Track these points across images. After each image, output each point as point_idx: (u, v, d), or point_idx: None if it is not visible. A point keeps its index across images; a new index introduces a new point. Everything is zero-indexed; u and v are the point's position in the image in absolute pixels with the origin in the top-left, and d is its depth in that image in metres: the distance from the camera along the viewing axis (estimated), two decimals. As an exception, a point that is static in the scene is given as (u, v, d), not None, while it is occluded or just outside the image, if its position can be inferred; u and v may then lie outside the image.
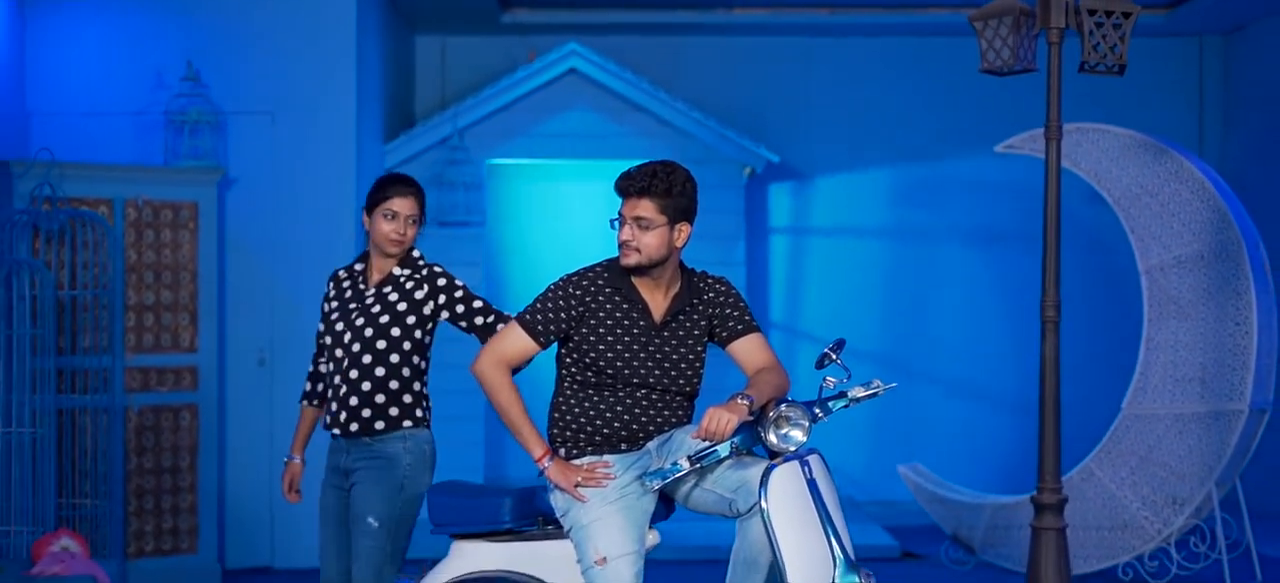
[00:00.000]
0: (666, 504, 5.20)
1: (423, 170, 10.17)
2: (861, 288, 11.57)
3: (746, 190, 11.01)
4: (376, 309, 5.45)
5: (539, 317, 5.07)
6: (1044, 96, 6.34)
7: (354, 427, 5.44)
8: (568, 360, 5.12)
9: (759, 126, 11.24)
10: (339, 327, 5.48)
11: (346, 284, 5.59)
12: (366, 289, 5.52)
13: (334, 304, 5.56)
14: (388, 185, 5.52)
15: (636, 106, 10.28)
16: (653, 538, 5.17)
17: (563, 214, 11.13)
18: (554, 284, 5.11)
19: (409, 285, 5.49)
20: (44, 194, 8.04)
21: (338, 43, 9.18)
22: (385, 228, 5.45)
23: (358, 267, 5.61)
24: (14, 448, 7.66)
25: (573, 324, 5.06)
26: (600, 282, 5.09)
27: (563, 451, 5.11)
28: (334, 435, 5.54)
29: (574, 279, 5.10)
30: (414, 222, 5.51)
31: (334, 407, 5.48)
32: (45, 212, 8.00)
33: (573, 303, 5.06)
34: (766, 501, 4.82)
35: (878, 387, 5.17)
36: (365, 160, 9.30)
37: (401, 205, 5.47)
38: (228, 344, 9.03)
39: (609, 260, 5.16)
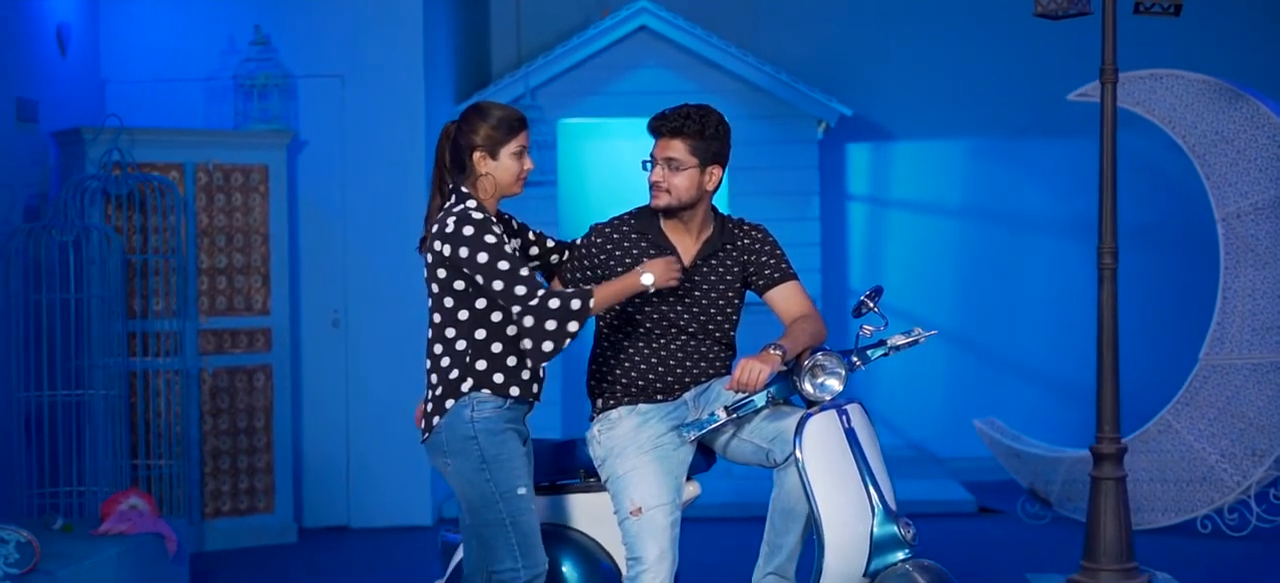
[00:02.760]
0: (707, 455, 5.19)
1: (494, 130, 10.18)
2: (942, 242, 11.43)
3: (825, 151, 10.92)
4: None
5: (570, 266, 5.10)
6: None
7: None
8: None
9: (837, 82, 11.12)
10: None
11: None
12: (512, 239, 4.97)
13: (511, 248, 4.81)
14: (510, 113, 4.85)
15: (708, 62, 10.21)
16: (693, 489, 5.15)
17: (634, 173, 11.07)
18: (584, 234, 5.12)
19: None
20: (112, 159, 8.15)
21: (406, 5, 9.22)
22: (517, 168, 4.83)
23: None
24: (87, 410, 7.80)
25: (598, 271, 5.05)
26: (625, 228, 5.09)
27: (599, 402, 5.11)
28: (519, 401, 4.82)
29: (599, 227, 5.13)
30: None
31: (534, 370, 4.83)
32: (113, 176, 8.11)
33: (594, 251, 5.07)
34: (801, 450, 4.80)
35: (918, 335, 5.12)
36: (434, 122, 9.32)
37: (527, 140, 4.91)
38: (301, 306, 9.12)
39: (639, 208, 5.16)
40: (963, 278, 11.38)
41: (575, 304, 4.63)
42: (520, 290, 4.63)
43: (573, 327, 4.63)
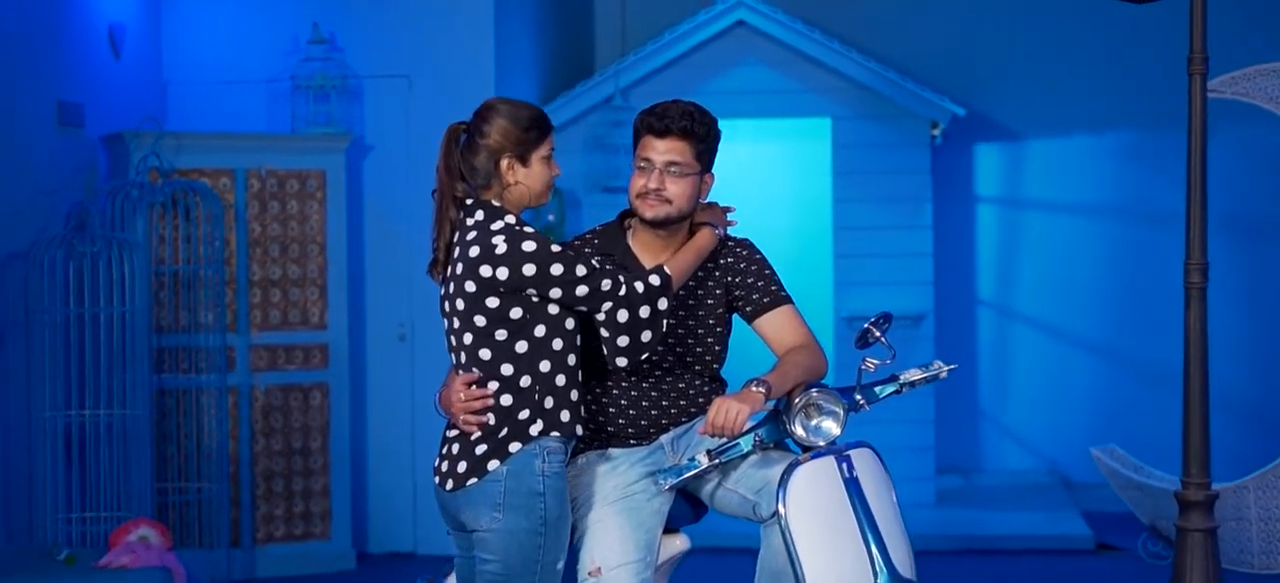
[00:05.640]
0: (695, 505, 4.53)
1: (584, 133, 9.57)
2: (1082, 246, 10.55)
3: (949, 154, 10.16)
4: None
5: None
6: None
7: None
8: (571, 342, 4.47)
9: (955, 80, 10.29)
10: None
11: None
12: None
13: None
14: (538, 113, 4.27)
15: (809, 59, 9.49)
16: (679, 544, 4.51)
17: (729, 177, 10.39)
18: None
19: None
20: (149, 165, 7.73)
21: (477, 1, 8.67)
22: (548, 175, 4.27)
23: None
24: (117, 431, 7.37)
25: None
26: (588, 251, 4.43)
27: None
28: (575, 442, 4.34)
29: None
30: None
31: (586, 408, 4.41)
32: (149, 184, 7.68)
33: None
34: (784, 504, 4.13)
35: (939, 369, 4.42)
36: (508, 124, 8.79)
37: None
38: (366, 319, 8.62)
39: (602, 225, 4.53)
40: (1105, 284, 10.51)
41: (656, 280, 4.15)
42: (606, 285, 4.11)
43: (664, 305, 4.15)
